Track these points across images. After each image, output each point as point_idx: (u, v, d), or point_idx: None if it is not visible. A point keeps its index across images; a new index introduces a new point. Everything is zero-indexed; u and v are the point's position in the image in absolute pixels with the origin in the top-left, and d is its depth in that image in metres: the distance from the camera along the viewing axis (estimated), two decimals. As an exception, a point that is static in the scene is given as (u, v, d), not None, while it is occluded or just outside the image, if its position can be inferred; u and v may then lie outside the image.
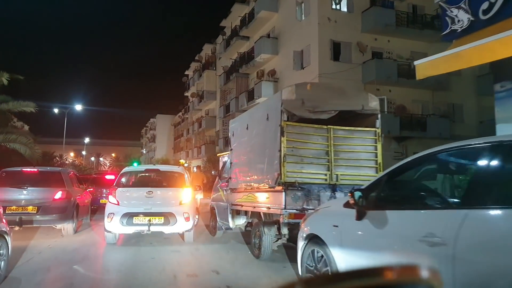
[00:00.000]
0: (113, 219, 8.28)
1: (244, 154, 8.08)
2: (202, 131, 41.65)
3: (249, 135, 7.75)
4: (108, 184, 16.55)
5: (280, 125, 6.44)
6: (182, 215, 8.37)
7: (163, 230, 8.50)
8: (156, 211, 8.33)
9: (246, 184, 7.83)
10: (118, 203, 8.49)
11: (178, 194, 8.73)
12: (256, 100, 28.19)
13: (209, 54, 41.07)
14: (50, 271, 6.44)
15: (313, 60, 23.70)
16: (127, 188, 9.03)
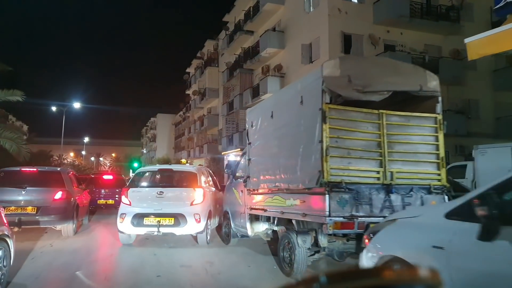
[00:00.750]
0: (124, 220, 8.10)
1: (267, 148, 6.59)
2: (204, 130, 40.09)
3: (275, 125, 6.26)
4: (106, 185, 16.20)
5: (321, 108, 4.96)
6: (193, 216, 7.98)
7: (174, 231, 8.13)
8: (166, 212, 8.00)
9: (271, 184, 6.36)
10: (130, 203, 8.28)
11: (189, 195, 8.30)
12: (261, 96, 26.70)
13: (211, 51, 39.49)
14: (54, 275, 6.12)
15: (323, 53, 22.22)
16: (139, 188, 8.75)
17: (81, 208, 10.68)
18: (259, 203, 6.80)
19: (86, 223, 12.12)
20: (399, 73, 5.52)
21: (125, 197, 8.47)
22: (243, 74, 30.89)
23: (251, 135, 7.32)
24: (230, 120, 33.28)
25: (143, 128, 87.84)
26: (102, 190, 15.77)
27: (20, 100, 14.51)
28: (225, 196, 9.00)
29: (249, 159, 7.27)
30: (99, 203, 15.23)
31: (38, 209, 8.89)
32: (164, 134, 69.62)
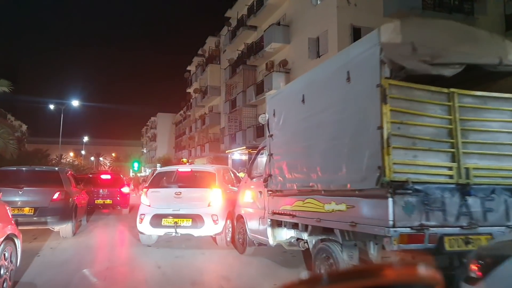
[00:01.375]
0: (144, 220, 8.04)
1: (297, 140, 5.32)
2: (206, 128, 38.80)
3: (308, 111, 4.99)
4: (103, 184, 15.48)
5: (380, 85, 3.73)
6: (210, 217, 7.74)
7: (191, 232, 7.91)
8: (184, 212, 7.82)
9: (302, 184, 5.12)
10: (150, 204, 8.21)
11: (206, 195, 8.02)
12: (265, 93, 25.48)
13: (213, 48, 38.21)
14: (57, 280, 5.80)
15: (332, 47, 21.00)
16: (157, 188, 8.59)
17: (80, 209, 10.37)
18: (285, 207, 5.57)
19: (84, 224, 11.73)
20: (475, 41, 4.25)
21: (145, 198, 8.36)
22: (246, 70, 29.67)
23: (273, 126, 6.07)
24: (233, 118, 32.03)
25: (143, 127, 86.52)
26: (100, 189, 15.14)
27: (7, 91, 13.26)
28: (239, 197, 7.78)
29: (271, 154, 6.03)
30: (97, 203, 14.69)
31: (36, 210, 8.56)
32: (165, 133, 68.28)
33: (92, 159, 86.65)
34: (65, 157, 76.70)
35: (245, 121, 29.49)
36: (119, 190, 15.36)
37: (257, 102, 28.28)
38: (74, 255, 7.49)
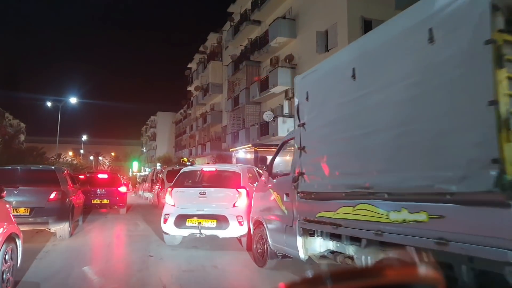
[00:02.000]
0: (168, 221, 7.93)
1: (344, 128, 4.04)
2: (207, 127, 37.58)
3: (363, 89, 3.72)
4: (100, 184, 15.21)
5: (491, 41, 2.53)
6: (236, 218, 7.44)
7: (216, 233, 7.66)
8: (209, 213, 7.62)
9: (352, 184, 3.90)
10: (174, 204, 8.06)
11: (231, 196, 7.72)
12: (270, 89, 24.32)
13: (215, 44, 36.98)
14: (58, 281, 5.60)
15: (341, 40, 19.80)
16: (182, 188, 8.34)
17: (76, 209, 10.09)
18: (323, 213, 4.35)
19: (80, 224, 11.50)
20: None
21: (169, 197, 8.19)
22: (250, 66, 28.46)
23: (305, 113, 4.83)
24: (235, 116, 30.84)
25: (143, 126, 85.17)
26: (97, 189, 14.91)
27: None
28: (256, 200, 6.58)
29: (303, 148, 4.80)
30: (93, 202, 14.50)
31: (32, 210, 8.29)
32: (165, 132, 67.00)
33: (91, 158, 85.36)
34: (64, 156, 75.73)
35: (249, 119, 28.29)
36: (116, 189, 15.09)
37: (261, 99, 27.09)
38: (73, 257, 7.17)
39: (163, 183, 17.49)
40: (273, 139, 23.72)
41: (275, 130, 23.54)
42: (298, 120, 4.99)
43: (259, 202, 6.39)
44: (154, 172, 23.29)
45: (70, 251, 7.78)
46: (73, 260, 6.92)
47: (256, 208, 6.52)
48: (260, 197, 6.36)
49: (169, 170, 18.01)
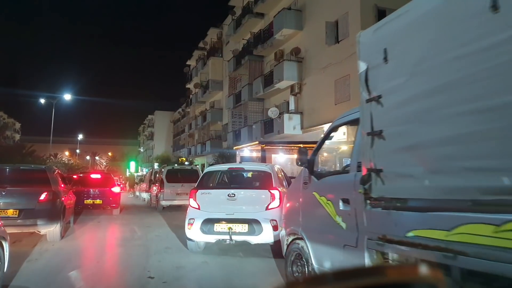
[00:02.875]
0: (193, 226, 7.04)
1: (465, 96, 2.43)
2: (207, 125, 35.95)
3: (507, 27, 2.20)
4: (93, 184, 14.75)
5: None
6: (269, 222, 6.71)
7: (248, 240, 6.90)
8: (239, 217, 6.86)
9: (483, 189, 2.32)
10: (199, 207, 7.21)
11: (264, 197, 6.99)
12: (275, 84, 22.74)
13: (215, 40, 35.34)
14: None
15: (353, 30, 18.22)
16: (208, 190, 7.58)
17: (68, 210, 9.68)
18: (422, 232, 2.76)
19: (71, 226, 11.00)
20: None
21: (193, 200, 7.31)
22: (253, 61, 26.88)
23: (382, 80, 3.23)
24: (237, 114, 29.26)
25: (140, 126, 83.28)
26: (90, 189, 14.47)
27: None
28: (291, 206, 4.99)
29: (378, 132, 3.22)
30: (86, 203, 14.06)
31: (21, 212, 7.92)
32: (162, 132, 65.26)
33: (87, 158, 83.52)
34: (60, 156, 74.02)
35: (251, 116, 26.73)
36: (110, 189, 14.68)
37: (265, 95, 25.51)
38: (65, 260, 6.73)
39: (162, 183, 15.89)
40: (278, 137, 22.18)
41: (280, 127, 21.98)
42: (367, 92, 3.42)
43: (295, 208, 4.77)
44: (152, 172, 21.64)
45: (61, 254, 7.26)
46: (66, 262, 6.57)
47: (290, 216, 4.92)
48: (297, 202, 4.74)
49: (169, 169, 16.40)
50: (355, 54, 15.88)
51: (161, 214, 15.11)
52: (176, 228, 10.79)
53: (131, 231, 10.56)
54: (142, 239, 9.12)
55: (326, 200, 3.97)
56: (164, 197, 15.79)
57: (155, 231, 10.36)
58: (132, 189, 34.34)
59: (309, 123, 21.27)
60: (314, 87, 21.03)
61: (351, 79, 18.26)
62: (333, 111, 19.62)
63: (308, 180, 4.41)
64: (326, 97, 19.78)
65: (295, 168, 23.25)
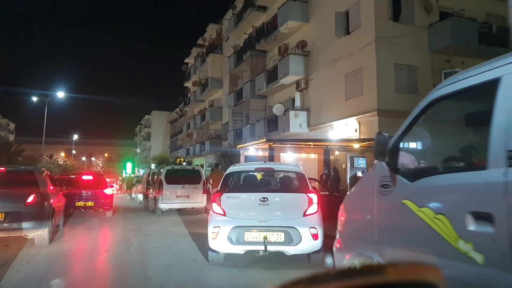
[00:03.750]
0: (219, 235, 5.90)
1: None
2: (206, 124, 34.39)
3: None
4: (85, 185, 14.06)
5: None
6: (309, 230, 5.79)
7: (284, 250, 5.89)
8: (274, 224, 5.86)
9: None
10: (225, 213, 6.07)
11: (300, 202, 6.01)
12: (280, 80, 21.27)
13: (214, 36, 33.83)
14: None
15: (366, 20, 16.84)
16: (235, 193, 6.39)
17: (57, 213, 9.16)
18: None
19: (60, 229, 10.32)
20: None
21: (217, 205, 6.23)
22: (255, 57, 25.42)
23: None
24: (238, 112, 27.78)
25: (137, 126, 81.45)
26: (82, 191, 13.77)
27: None
28: (357, 220, 3.43)
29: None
30: (77, 205, 13.42)
31: (7, 216, 7.49)
32: (159, 132, 63.61)
33: (83, 159, 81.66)
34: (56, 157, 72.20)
35: (253, 114, 25.24)
36: (102, 191, 13.96)
37: (268, 92, 24.04)
38: (52, 268, 6.17)
39: (161, 185, 14.34)
40: (283, 136, 20.71)
41: (285, 125, 20.50)
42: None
43: (364, 223, 3.20)
44: (149, 173, 20.08)
45: (50, 261, 6.74)
46: (53, 269, 6.11)
47: (354, 235, 3.38)
48: (368, 215, 3.18)
49: (169, 170, 14.84)
50: (368, 46, 14.38)
51: (159, 219, 13.57)
52: (179, 236, 9.28)
53: (126, 241, 9.04)
54: (139, 253, 7.54)
55: (433, 215, 2.46)
56: (163, 200, 14.26)
57: (154, 241, 8.83)
58: (129, 191, 32.69)
59: (316, 121, 19.81)
60: (321, 82, 19.58)
61: (363, 73, 16.82)
62: (344, 107, 18.18)
63: (392, 181, 2.88)
64: (336, 92, 18.34)
65: (306, 169, 21.62)
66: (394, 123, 13.90)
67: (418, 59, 16.77)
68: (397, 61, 16.44)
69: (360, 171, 18.37)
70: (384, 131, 2.90)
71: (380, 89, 16.04)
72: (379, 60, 16.09)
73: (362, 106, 16.72)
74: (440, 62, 16.94)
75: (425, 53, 16.86)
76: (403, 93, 16.50)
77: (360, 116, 16.72)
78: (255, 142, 16.59)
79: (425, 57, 16.88)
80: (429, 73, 17.00)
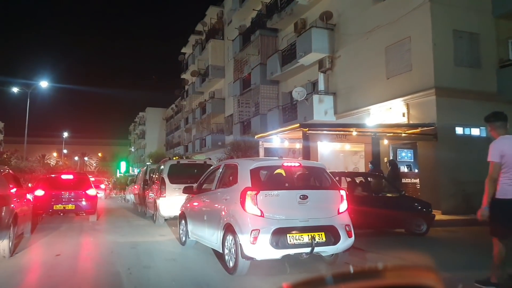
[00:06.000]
0: (259, 239, 4.99)
1: None
2: (207, 118, 30.51)
3: None
4: (65, 186, 11.93)
5: None
6: (344, 228, 5.42)
7: (326, 250, 5.41)
8: (315, 224, 5.30)
9: None
10: (262, 213, 5.14)
11: (334, 199, 5.66)
12: (299, 59, 17.52)
13: (215, 20, 29.95)
14: None
15: (413, -22, 13.10)
16: (274, 191, 5.42)
17: (21, 218, 7.52)
18: None
19: (27, 237, 8.44)
20: None
21: (253, 205, 5.15)
22: (265, 37, 21.64)
23: None
24: (245, 102, 23.98)
25: (131, 124, 77.01)
26: (61, 192, 11.54)
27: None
28: None
29: None
30: (55, 209, 11.35)
31: None
32: (154, 130, 59.50)
33: (76, 158, 77.21)
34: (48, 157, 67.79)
35: (264, 103, 21.45)
36: (84, 192, 11.69)
37: (281, 77, 20.28)
38: None
39: (163, 185, 10.54)
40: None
41: (307, 112, 16.73)
42: None
43: None
44: (146, 171, 16.20)
45: (7, 277, 5.24)
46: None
47: None
48: None
49: (173, 165, 11.00)
50: (419, 8, 9.38)
51: (162, 231, 9.75)
52: (200, 264, 5.54)
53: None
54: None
55: None
56: (165, 204, 10.45)
57: (161, 278, 5.07)
58: (123, 192, 28.72)
59: (345, 106, 16.09)
60: (352, 59, 15.87)
61: (412, 43, 13.17)
62: (385, 88, 14.43)
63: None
64: (372, 70, 14.64)
65: (349, 163, 17.68)
66: (454, 106, 9.03)
67: (481, 25, 13.16)
68: (456, 27, 12.80)
69: (405, 165, 14.76)
70: None
71: (437, 62, 12.38)
72: (435, 25, 12.43)
73: (411, 84, 13.04)
74: (507, 29, 13.38)
75: (489, 17, 13.24)
76: (464, 67, 12.86)
77: (409, 97, 13.04)
78: (284, 129, 12.74)
79: (489, 22, 13.27)
80: (493, 42, 13.41)
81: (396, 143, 14.07)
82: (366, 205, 8.38)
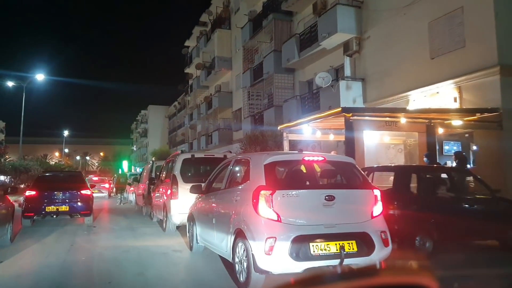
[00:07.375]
0: (275, 249, 4.11)
1: None
2: (213, 113, 28.16)
3: None
4: (58, 186, 10.58)
5: None
6: (379, 235, 4.43)
7: (359, 262, 4.22)
8: (344, 230, 4.35)
9: None
10: (279, 218, 4.28)
11: (366, 200, 4.69)
12: (322, 42, 15.20)
13: (221, 8, 27.60)
14: None
15: None
16: (293, 190, 4.53)
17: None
18: None
19: (7, 244, 7.37)
20: None
21: (267, 206, 4.28)
22: (279, 21, 19.31)
23: None
24: (255, 93, 21.65)
25: (133, 122, 74.51)
26: (54, 193, 10.21)
27: None
28: None
29: None
30: (48, 210, 9.95)
31: None
32: (157, 128, 57.10)
33: (78, 158, 74.89)
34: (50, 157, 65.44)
35: (278, 93, 19.14)
36: (79, 192, 10.49)
37: (298, 64, 17.95)
38: None
39: (174, 184, 8.27)
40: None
41: (333, 101, 14.40)
42: None
43: None
44: (151, 168, 13.87)
45: None
46: None
47: None
48: None
49: (186, 159, 8.70)
50: None
51: (174, 242, 7.49)
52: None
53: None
54: None
55: None
56: (177, 207, 8.17)
57: None
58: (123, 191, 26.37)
59: (377, 93, 13.80)
60: (384, 40, 13.56)
61: (465, 14, 10.90)
62: (429, 69, 12.07)
63: None
64: (412, 50, 12.34)
65: (396, 155, 14.94)
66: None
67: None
68: (519, -7, 10.52)
69: (451, 160, 12.46)
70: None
71: (500, 35, 10.08)
72: (495, -9, 10.15)
73: (464, 63, 10.72)
74: None
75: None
76: (529, 41, 10.59)
77: (463, 78, 10.72)
78: (318, 115, 10.41)
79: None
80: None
81: (445, 133, 11.76)
82: (449, 210, 6.12)
